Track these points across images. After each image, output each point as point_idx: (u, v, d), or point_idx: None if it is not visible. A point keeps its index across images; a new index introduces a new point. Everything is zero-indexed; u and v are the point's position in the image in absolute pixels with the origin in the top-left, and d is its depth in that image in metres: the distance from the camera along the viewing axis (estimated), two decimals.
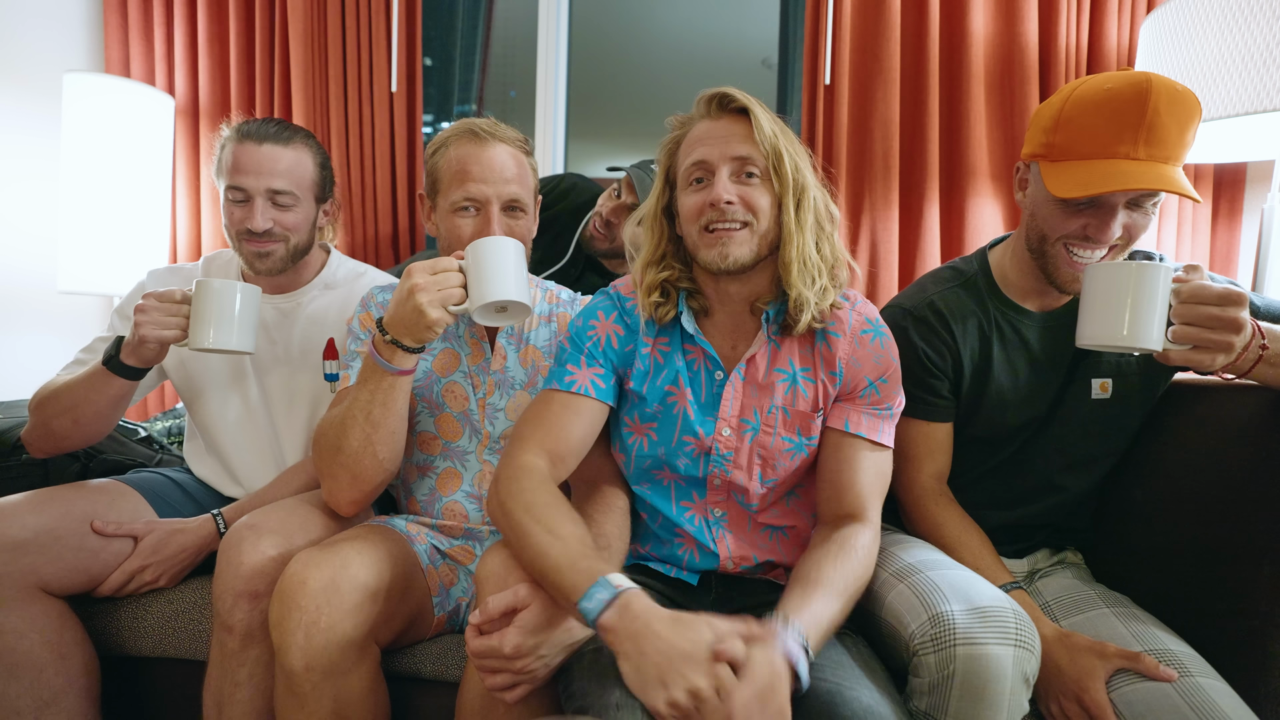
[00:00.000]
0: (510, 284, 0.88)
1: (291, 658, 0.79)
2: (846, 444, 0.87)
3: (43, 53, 1.80)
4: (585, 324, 0.94)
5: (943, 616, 0.72)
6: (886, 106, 1.53)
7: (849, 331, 0.88)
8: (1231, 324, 0.74)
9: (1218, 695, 0.76)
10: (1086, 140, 0.85)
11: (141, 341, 0.98)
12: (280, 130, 1.12)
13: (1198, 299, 0.75)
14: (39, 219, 1.78)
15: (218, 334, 0.97)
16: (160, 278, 1.21)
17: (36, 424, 1.09)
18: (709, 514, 0.92)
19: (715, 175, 0.83)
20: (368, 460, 0.92)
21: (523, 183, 1.02)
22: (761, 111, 0.83)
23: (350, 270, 1.26)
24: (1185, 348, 0.76)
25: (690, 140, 0.87)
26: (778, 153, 0.82)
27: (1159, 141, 0.82)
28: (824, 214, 0.87)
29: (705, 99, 0.87)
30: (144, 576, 1.04)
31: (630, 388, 0.92)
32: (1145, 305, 0.75)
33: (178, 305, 0.99)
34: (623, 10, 2.31)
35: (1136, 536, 1.02)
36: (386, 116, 1.73)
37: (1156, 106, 0.81)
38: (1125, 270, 0.77)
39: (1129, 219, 0.86)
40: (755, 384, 0.89)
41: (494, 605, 0.72)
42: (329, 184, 1.20)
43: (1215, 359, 0.76)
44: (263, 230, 1.10)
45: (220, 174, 1.13)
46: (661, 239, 0.91)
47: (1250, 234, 1.49)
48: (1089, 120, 0.85)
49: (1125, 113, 0.82)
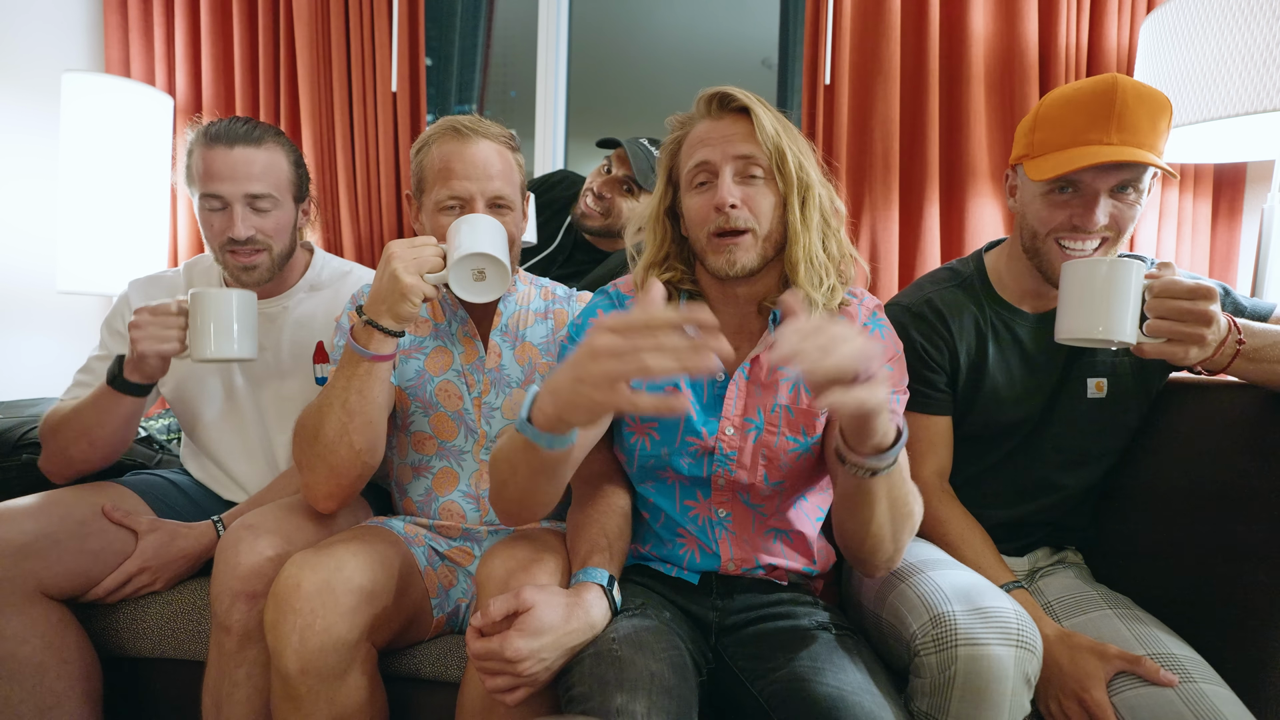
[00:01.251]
0: (482, 239, 0.88)
1: (287, 661, 0.79)
2: None
3: (42, 52, 1.80)
4: (585, 323, 0.94)
5: (944, 617, 0.72)
6: (886, 106, 1.53)
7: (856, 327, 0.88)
8: (1202, 316, 0.75)
9: (1221, 702, 0.76)
10: (1061, 132, 0.90)
11: (141, 357, 0.97)
12: (250, 130, 1.08)
13: (1169, 293, 0.77)
14: (38, 219, 1.78)
15: (219, 345, 0.96)
16: (141, 287, 1.19)
17: (53, 452, 1.08)
18: (714, 514, 0.91)
19: (719, 176, 0.83)
20: (344, 450, 0.91)
21: (508, 179, 1.00)
22: (763, 110, 0.83)
23: (335, 269, 1.24)
24: (1159, 341, 0.78)
25: (692, 141, 0.86)
26: (780, 151, 0.82)
27: (1130, 128, 0.86)
28: (830, 210, 0.87)
29: (705, 98, 0.86)
30: (141, 580, 1.04)
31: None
32: (1119, 300, 0.78)
33: (174, 318, 0.97)
34: (623, 10, 2.31)
35: (1136, 536, 1.02)
36: (389, 116, 1.72)
37: (1125, 98, 0.86)
38: (1098, 266, 0.80)
39: (1114, 208, 0.89)
40: (759, 383, 0.88)
41: (496, 608, 0.72)
42: (305, 182, 1.17)
43: (1189, 351, 0.77)
44: (245, 238, 1.06)
45: (192, 182, 1.10)
46: (665, 240, 0.90)
47: (1250, 234, 1.48)
48: (1062, 114, 0.90)
49: (1096, 104, 0.88)
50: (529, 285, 1.13)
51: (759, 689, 0.77)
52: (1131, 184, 0.88)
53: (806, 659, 0.77)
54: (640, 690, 0.68)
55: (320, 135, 1.76)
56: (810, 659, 0.77)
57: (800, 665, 0.76)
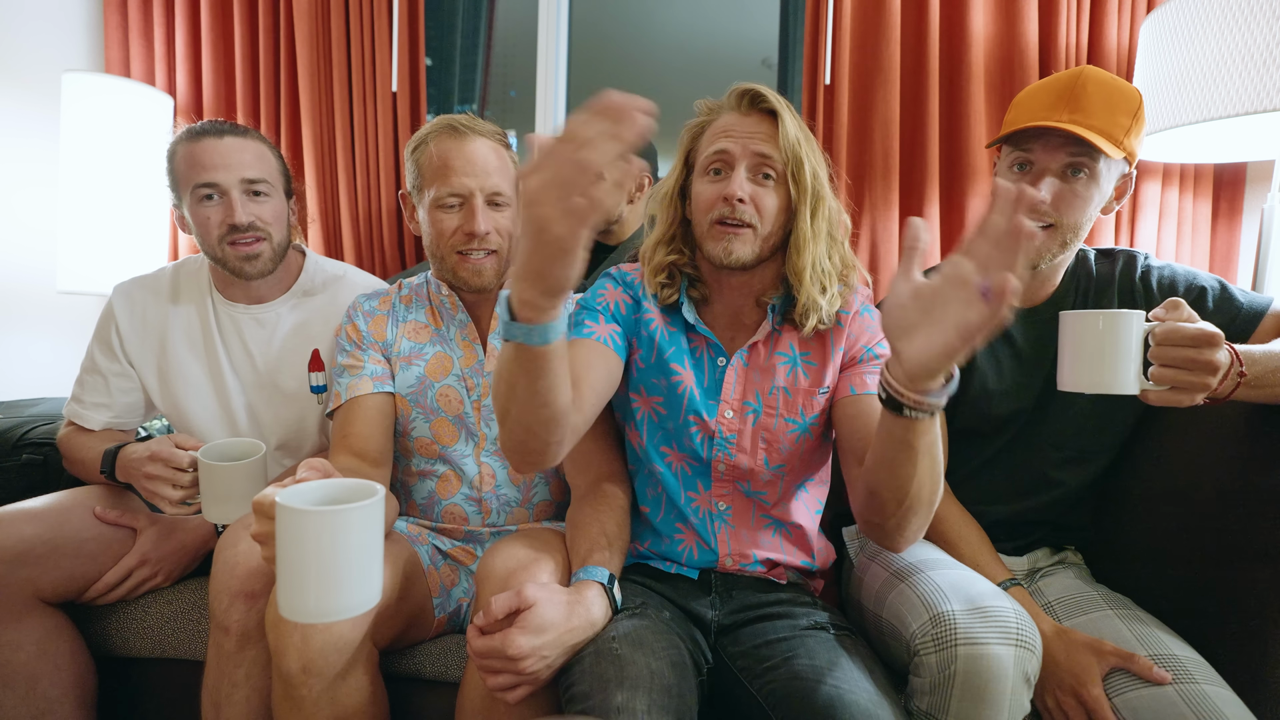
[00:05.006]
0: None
1: (288, 660, 0.79)
2: (860, 402, 0.87)
3: (42, 52, 1.80)
4: (594, 293, 0.96)
5: (944, 616, 0.72)
6: (886, 106, 1.53)
7: (852, 313, 0.92)
8: (1207, 366, 0.74)
9: (1223, 703, 0.76)
10: (1024, 112, 0.95)
11: (152, 497, 0.98)
12: (234, 126, 1.08)
13: (1171, 341, 0.75)
14: (38, 219, 1.78)
15: (228, 513, 0.91)
16: (125, 293, 1.16)
17: (68, 469, 1.15)
18: (714, 506, 0.92)
19: (733, 169, 0.84)
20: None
21: (504, 175, 1.01)
22: (790, 116, 0.84)
23: (329, 273, 1.21)
24: (1164, 389, 0.76)
25: (715, 129, 0.88)
26: (798, 159, 0.83)
27: (1082, 110, 0.89)
28: (837, 223, 0.89)
29: (738, 92, 0.87)
30: (141, 573, 1.03)
31: (638, 355, 0.93)
32: (1120, 353, 0.77)
33: (182, 474, 0.96)
34: (623, 10, 2.31)
35: (1135, 535, 1.02)
36: (389, 116, 1.72)
37: (1084, 83, 0.90)
38: (1094, 319, 0.78)
39: (1060, 189, 0.91)
40: (757, 368, 0.90)
41: (497, 606, 0.72)
42: (290, 180, 1.16)
43: (1194, 398, 0.76)
44: (246, 224, 1.04)
45: (180, 185, 1.07)
46: (674, 220, 0.92)
47: (1250, 234, 1.49)
48: (1029, 97, 0.96)
49: (1057, 88, 0.93)
50: None
51: (758, 688, 0.78)
52: (1084, 167, 0.90)
53: (805, 658, 0.77)
54: (640, 688, 0.68)
55: (320, 135, 1.76)
56: (809, 658, 0.77)
57: (799, 664, 0.76)
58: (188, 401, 1.15)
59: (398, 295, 1.11)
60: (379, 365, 1.05)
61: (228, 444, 0.94)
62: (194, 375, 1.15)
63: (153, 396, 1.17)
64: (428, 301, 1.10)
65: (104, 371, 1.14)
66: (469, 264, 1.00)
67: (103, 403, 1.14)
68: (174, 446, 0.96)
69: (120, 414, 1.15)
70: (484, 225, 0.98)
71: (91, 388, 1.14)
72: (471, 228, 0.98)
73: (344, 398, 1.02)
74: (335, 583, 0.58)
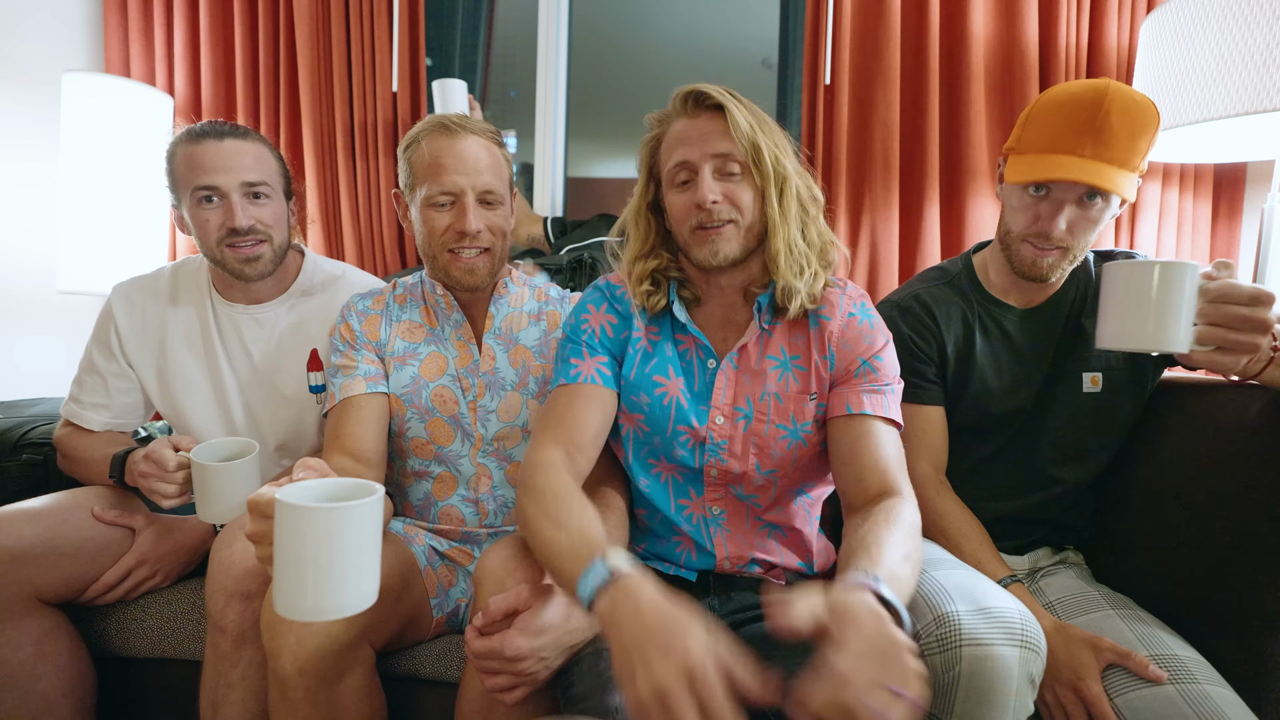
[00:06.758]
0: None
1: (284, 662, 0.79)
2: (855, 425, 0.85)
3: (42, 52, 1.80)
4: (578, 320, 0.94)
5: (948, 617, 0.71)
6: (886, 106, 1.53)
7: (839, 314, 0.89)
8: (1261, 325, 0.72)
9: (1224, 703, 0.75)
10: (1044, 136, 0.91)
11: (151, 495, 0.97)
12: (234, 127, 1.07)
13: (1227, 298, 0.73)
14: (38, 219, 1.78)
15: (220, 512, 0.90)
16: (125, 292, 1.16)
17: (64, 468, 1.15)
18: (707, 512, 0.91)
19: (699, 175, 0.83)
20: None
21: (497, 173, 1.01)
22: (736, 106, 0.82)
23: (328, 273, 1.21)
24: (1209, 349, 0.74)
25: (671, 139, 0.86)
26: (756, 147, 0.82)
27: (1106, 144, 0.87)
28: (808, 199, 0.87)
29: (681, 96, 0.86)
30: (140, 574, 1.03)
31: (622, 370, 0.92)
32: (1172, 306, 0.72)
33: (173, 474, 0.94)
34: (623, 10, 2.31)
35: (1136, 535, 1.02)
36: (389, 116, 1.72)
37: (1109, 110, 0.86)
38: (1149, 269, 0.74)
39: (1076, 216, 0.91)
40: (748, 371, 0.89)
41: (496, 607, 0.72)
42: (290, 181, 1.16)
43: (1240, 361, 0.74)
44: (246, 227, 1.04)
45: (179, 186, 1.06)
46: (649, 233, 0.91)
47: (1250, 234, 1.48)
48: (1049, 117, 0.92)
49: (1080, 113, 0.88)
50: (522, 287, 1.12)
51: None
52: (1100, 194, 0.90)
53: (804, 658, 0.76)
54: None
55: (320, 135, 1.76)
56: (808, 658, 0.76)
57: (798, 664, 0.76)
58: (186, 402, 1.15)
59: (392, 295, 1.10)
60: (373, 365, 1.04)
61: (221, 443, 0.93)
62: (193, 376, 1.14)
63: (151, 397, 1.17)
64: (422, 301, 1.10)
65: (102, 372, 1.14)
66: (461, 262, 1.00)
67: (101, 403, 1.14)
68: (170, 447, 0.96)
69: (119, 414, 1.15)
70: (475, 223, 0.98)
71: (90, 388, 1.14)
72: (463, 226, 0.97)
73: (338, 398, 1.01)
74: (333, 581, 0.58)
